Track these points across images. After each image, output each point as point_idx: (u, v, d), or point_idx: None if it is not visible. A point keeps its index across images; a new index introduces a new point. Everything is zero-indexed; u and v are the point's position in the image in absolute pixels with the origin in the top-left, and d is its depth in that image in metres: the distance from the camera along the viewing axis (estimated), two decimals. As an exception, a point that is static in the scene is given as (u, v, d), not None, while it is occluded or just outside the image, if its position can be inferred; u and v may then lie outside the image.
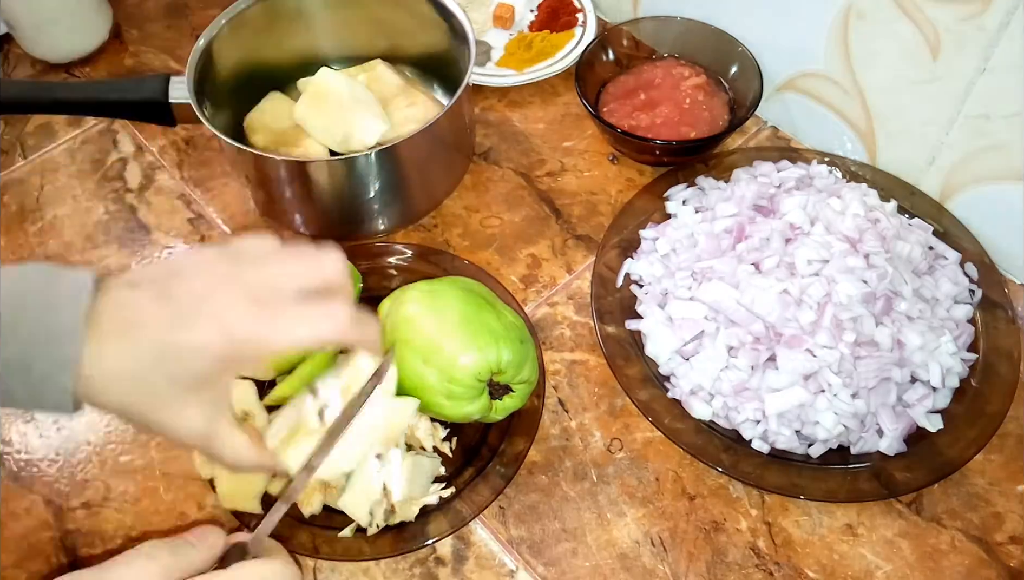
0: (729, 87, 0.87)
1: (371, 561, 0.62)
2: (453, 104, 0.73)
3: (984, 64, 0.68)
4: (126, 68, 0.99)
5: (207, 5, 1.05)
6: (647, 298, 0.73)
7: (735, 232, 0.72)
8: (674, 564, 0.63)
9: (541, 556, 0.63)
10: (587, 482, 0.67)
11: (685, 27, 0.88)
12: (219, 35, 0.77)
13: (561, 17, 0.97)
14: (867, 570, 0.62)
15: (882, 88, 0.77)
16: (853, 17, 0.75)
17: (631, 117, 0.84)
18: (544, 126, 0.91)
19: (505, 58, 0.94)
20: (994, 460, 0.66)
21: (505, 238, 0.81)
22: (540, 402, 0.67)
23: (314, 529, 0.62)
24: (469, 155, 0.86)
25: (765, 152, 0.83)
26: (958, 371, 0.67)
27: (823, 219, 0.71)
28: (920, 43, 0.71)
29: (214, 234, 0.83)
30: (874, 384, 0.64)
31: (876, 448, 0.65)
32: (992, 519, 0.64)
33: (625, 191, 0.84)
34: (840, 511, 0.64)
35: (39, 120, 0.94)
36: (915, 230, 0.74)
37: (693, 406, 0.67)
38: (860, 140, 0.82)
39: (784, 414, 0.65)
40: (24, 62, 0.99)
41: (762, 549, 0.63)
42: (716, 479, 0.66)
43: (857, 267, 0.66)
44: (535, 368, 0.65)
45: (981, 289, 0.72)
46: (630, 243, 0.78)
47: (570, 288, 0.78)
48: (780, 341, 0.65)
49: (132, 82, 0.74)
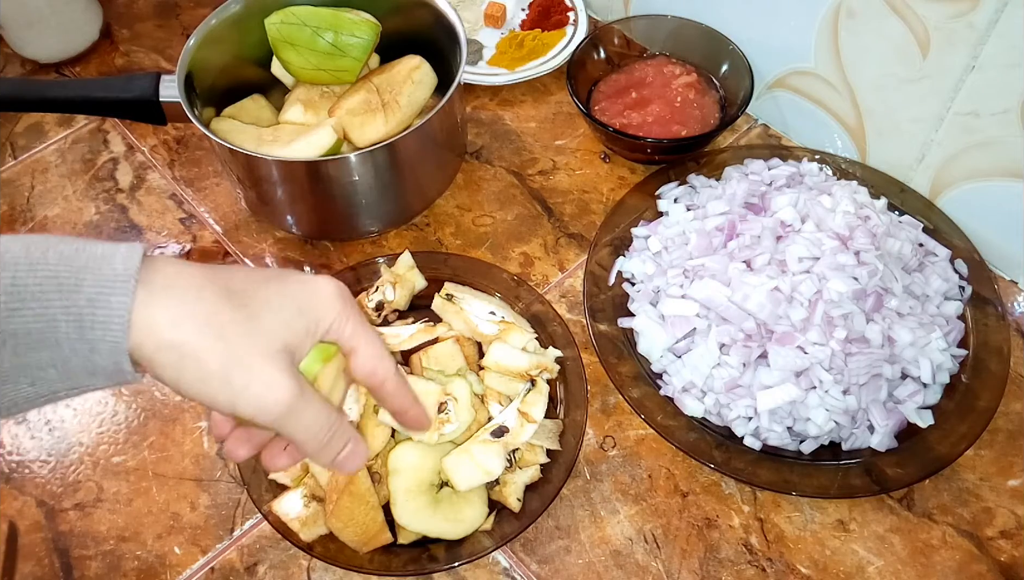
0: (720, 85, 0.87)
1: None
2: (444, 103, 0.73)
3: (973, 61, 0.68)
4: (116, 68, 0.99)
5: (198, 4, 1.05)
6: (639, 296, 0.73)
7: (726, 230, 0.72)
8: (667, 561, 0.63)
9: (534, 554, 0.63)
10: (580, 480, 0.67)
11: (676, 26, 0.89)
12: (210, 34, 0.77)
13: (552, 16, 0.97)
14: (859, 565, 0.62)
15: (872, 86, 0.78)
16: (843, 15, 0.75)
17: (622, 115, 0.84)
18: (536, 125, 0.91)
19: (497, 57, 0.94)
20: (985, 455, 0.66)
21: (497, 237, 0.81)
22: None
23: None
24: (461, 154, 0.86)
25: (756, 150, 0.83)
26: (948, 367, 0.68)
27: (814, 216, 0.71)
28: (910, 41, 0.71)
29: (206, 234, 0.83)
30: (865, 380, 0.65)
31: (867, 444, 0.65)
32: (983, 514, 0.64)
33: (617, 189, 0.84)
34: (832, 507, 0.65)
35: (29, 120, 0.93)
36: (905, 227, 0.74)
37: (685, 403, 0.67)
38: (850, 138, 0.83)
39: (776, 411, 0.65)
40: (14, 62, 0.99)
41: (754, 545, 0.63)
42: (708, 476, 0.67)
43: (848, 264, 0.66)
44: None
45: (971, 285, 0.73)
46: (622, 241, 0.78)
47: (562, 286, 0.78)
48: (771, 338, 0.66)
49: (122, 80, 0.74)
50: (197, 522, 0.65)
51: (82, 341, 0.37)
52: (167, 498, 0.67)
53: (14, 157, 0.90)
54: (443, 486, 0.63)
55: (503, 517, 0.63)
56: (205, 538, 0.65)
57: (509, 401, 0.65)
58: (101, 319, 0.37)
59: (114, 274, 0.37)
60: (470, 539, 0.62)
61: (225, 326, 0.39)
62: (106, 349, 0.37)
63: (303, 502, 0.61)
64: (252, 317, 0.40)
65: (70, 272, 0.37)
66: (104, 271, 0.37)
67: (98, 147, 0.91)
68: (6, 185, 0.88)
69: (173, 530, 0.65)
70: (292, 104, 0.80)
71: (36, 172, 0.89)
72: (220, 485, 0.67)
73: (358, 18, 0.77)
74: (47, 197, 0.86)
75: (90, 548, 0.65)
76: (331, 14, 0.76)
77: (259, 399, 0.39)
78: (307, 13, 0.76)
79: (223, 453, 0.66)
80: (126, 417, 0.71)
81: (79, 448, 0.70)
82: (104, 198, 0.86)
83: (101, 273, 0.37)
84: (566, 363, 0.69)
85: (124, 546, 0.65)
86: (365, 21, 0.77)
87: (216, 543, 0.64)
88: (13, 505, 0.67)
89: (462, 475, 0.61)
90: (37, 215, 0.85)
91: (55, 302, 0.36)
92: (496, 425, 0.63)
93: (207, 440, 0.70)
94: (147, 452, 0.69)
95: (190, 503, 0.66)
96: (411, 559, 0.61)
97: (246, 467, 0.63)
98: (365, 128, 0.76)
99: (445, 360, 0.67)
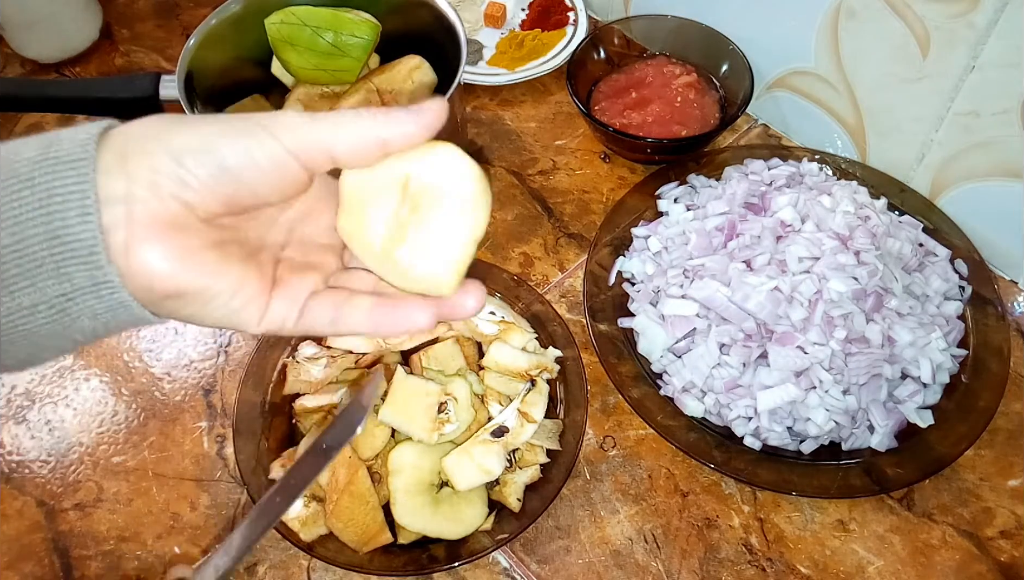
0: (720, 85, 0.87)
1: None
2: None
3: (973, 61, 0.68)
4: (116, 68, 0.99)
5: (198, 4, 1.05)
6: (639, 296, 0.73)
7: (726, 230, 0.72)
8: (667, 561, 0.63)
9: (535, 554, 0.63)
10: (580, 480, 0.67)
11: (676, 25, 0.89)
12: (210, 34, 0.77)
13: (552, 16, 0.97)
14: (859, 565, 0.62)
15: (872, 86, 0.78)
16: (843, 15, 0.75)
17: (622, 115, 0.84)
18: (536, 125, 0.91)
19: (497, 57, 0.94)
20: (984, 455, 0.66)
21: (497, 237, 0.81)
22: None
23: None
24: (461, 154, 0.85)
25: (756, 150, 0.83)
26: (948, 367, 0.68)
27: (814, 216, 0.71)
28: (910, 41, 0.71)
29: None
30: (865, 380, 0.65)
31: (867, 444, 0.65)
32: (983, 514, 0.64)
33: (617, 189, 0.84)
34: (832, 507, 0.65)
35: (29, 120, 0.93)
36: (905, 227, 0.74)
37: (685, 403, 0.67)
38: (850, 138, 0.83)
39: (776, 411, 0.65)
40: (14, 62, 0.99)
41: (754, 545, 0.63)
42: (708, 476, 0.67)
43: (848, 264, 0.66)
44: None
45: (971, 285, 0.73)
46: (622, 241, 0.78)
47: (562, 286, 0.78)
48: (772, 338, 0.66)
49: (122, 80, 0.74)
50: (197, 522, 0.65)
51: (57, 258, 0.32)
52: (167, 498, 0.67)
53: (14, 157, 0.90)
54: (443, 486, 0.63)
55: (503, 517, 0.63)
56: (205, 538, 0.65)
57: (509, 401, 0.65)
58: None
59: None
60: (470, 539, 0.62)
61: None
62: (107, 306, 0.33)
63: (303, 502, 0.61)
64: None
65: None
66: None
67: (98, 147, 0.90)
68: (6, 185, 0.87)
69: (173, 530, 0.65)
70: (292, 104, 0.80)
71: (36, 172, 0.88)
72: (220, 485, 0.67)
73: (358, 18, 0.77)
74: (47, 197, 0.86)
75: (90, 548, 0.65)
76: (331, 14, 0.76)
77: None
78: (307, 13, 0.76)
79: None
80: (126, 417, 0.71)
81: (79, 448, 0.70)
82: (104, 198, 0.86)
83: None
84: (566, 363, 0.69)
85: (124, 546, 0.65)
86: (365, 21, 0.77)
87: (216, 543, 0.64)
88: (13, 505, 0.67)
89: (462, 475, 0.61)
90: (37, 215, 0.85)
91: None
92: (496, 425, 0.63)
93: (207, 440, 0.70)
94: (147, 452, 0.69)
95: (190, 503, 0.66)
96: (411, 559, 0.61)
97: (246, 467, 0.63)
98: None
99: (445, 360, 0.67)
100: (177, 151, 0.33)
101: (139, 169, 0.32)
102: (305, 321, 0.38)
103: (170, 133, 0.33)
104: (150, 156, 0.32)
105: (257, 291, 0.36)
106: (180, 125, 0.34)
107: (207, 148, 0.33)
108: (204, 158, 0.33)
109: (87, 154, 0.32)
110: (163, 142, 0.33)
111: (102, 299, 0.33)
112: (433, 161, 0.36)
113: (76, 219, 0.31)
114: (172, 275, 0.33)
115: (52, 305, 0.33)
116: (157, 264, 0.32)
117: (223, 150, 0.33)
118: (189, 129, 0.33)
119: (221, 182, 0.33)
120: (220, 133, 0.33)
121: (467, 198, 0.36)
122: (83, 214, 0.31)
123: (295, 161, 0.34)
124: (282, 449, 0.65)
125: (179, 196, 0.32)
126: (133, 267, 0.32)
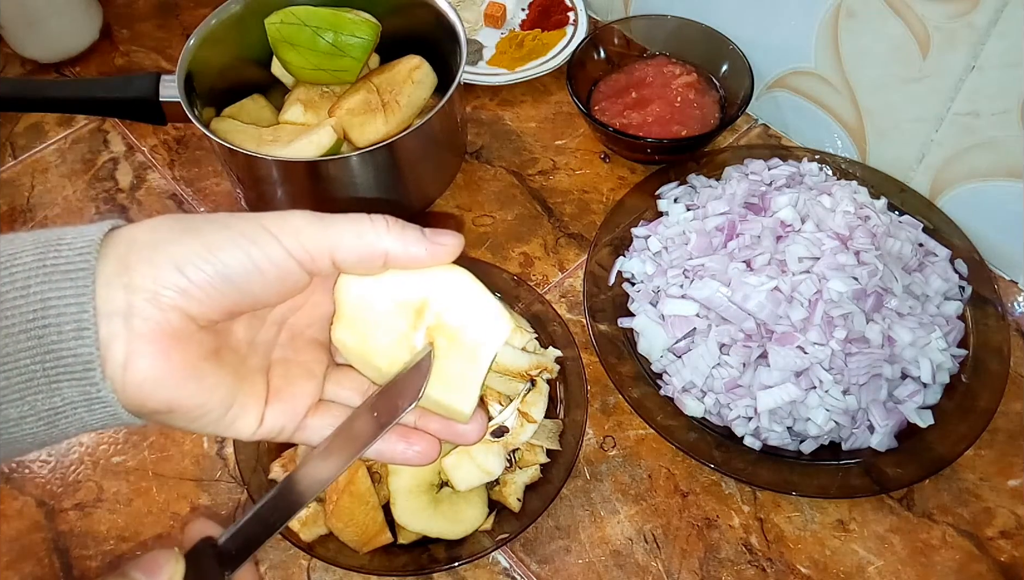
0: (720, 85, 0.87)
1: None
2: (444, 103, 0.73)
3: (973, 61, 0.68)
4: (116, 68, 0.99)
5: (198, 4, 1.05)
6: (639, 296, 0.73)
7: (726, 230, 0.72)
8: (667, 561, 0.63)
9: (534, 554, 0.63)
10: (580, 479, 0.67)
11: (676, 25, 0.88)
12: (210, 34, 0.77)
13: (552, 16, 0.97)
14: (859, 565, 0.62)
15: (872, 86, 0.78)
16: (843, 15, 0.75)
17: (622, 115, 0.84)
18: (536, 125, 0.91)
19: (496, 57, 0.94)
20: (984, 455, 0.66)
21: (497, 237, 0.81)
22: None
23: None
24: (461, 154, 0.86)
25: (756, 150, 0.83)
26: (948, 367, 0.68)
27: (814, 216, 0.71)
28: (910, 41, 0.71)
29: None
30: (865, 380, 0.65)
31: (867, 444, 0.65)
32: (983, 514, 0.64)
33: (617, 189, 0.84)
34: (832, 507, 0.65)
35: (29, 120, 0.93)
36: (905, 227, 0.74)
37: (685, 403, 0.67)
38: (850, 138, 0.83)
39: (776, 411, 0.65)
40: (14, 62, 0.99)
41: (754, 545, 0.63)
42: (708, 476, 0.67)
43: (848, 264, 0.66)
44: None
45: (971, 285, 0.73)
46: (622, 241, 0.78)
47: (562, 286, 0.78)
48: (771, 338, 0.66)
49: (122, 80, 0.74)
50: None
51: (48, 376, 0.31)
52: (167, 498, 0.67)
53: (14, 157, 0.90)
54: (443, 486, 0.63)
55: (503, 517, 0.63)
56: (205, 538, 0.65)
57: (509, 401, 0.65)
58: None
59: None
60: (470, 539, 0.62)
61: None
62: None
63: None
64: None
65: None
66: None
67: (98, 147, 0.91)
68: (6, 185, 0.88)
69: (173, 530, 0.65)
70: (292, 104, 0.80)
71: (36, 172, 0.89)
72: (220, 485, 0.67)
73: (358, 18, 0.77)
74: (47, 197, 0.86)
75: (90, 548, 0.65)
76: (331, 14, 0.76)
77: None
78: (307, 13, 0.76)
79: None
80: (126, 417, 0.71)
81: (79, 448, 0.70)
82: (104, 198, 0.86)
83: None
84: (566, 363, 0.69)
85: (124, 546, 0.65)
86: (365, 21, 0.77)
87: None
88: (13, 505, 0.67)
89: (462, 475, 0.61)
90: (37, 215, 0.85)
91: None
92: (496, 425, 0.63)
93: (207, 440, 0.70)
94: (147, 452, 0.69)
95: (190, 503, 0.66)
96: (411, 559, 0.61)
97: (246, 467, 0.63)
98: (365, 128, 0.76)
99: None
100: (181, 261, 0.32)
101: (142, 280, 0.32)
102: (304, 435, 0.39)
103: (175, 241, 0.33)
104: (155, 267, 0.32)
105: (252, 404, 0.36)
106: (185, 232, 0.33)
107: (210, 256, 0.33)
108: (207, 267, 0.33)
109: (87, 265, 0.31)
110: (168, 253, 0.32)
111: (94, 413, 0.32)
112: (452, 295, 0.36)
113: (72, 334, 0.31)
114: (167, 393, 0.33)
115: (40, 418, 0.32)
116: (154, 380, 0.32)
117: (226, 257, 0.33)
118: (193, 236, 0.33)
119: (223, 291, 0.33)
120: (226, 239, 0.33)
121: (489, 342, 0.35)
122: (79, 329, 0.31)
123: (297, 265, 0.34)
124: (282, 449, 0.65)
125: (180, 306, 0.32)
126: (129, 382, 0.32)
